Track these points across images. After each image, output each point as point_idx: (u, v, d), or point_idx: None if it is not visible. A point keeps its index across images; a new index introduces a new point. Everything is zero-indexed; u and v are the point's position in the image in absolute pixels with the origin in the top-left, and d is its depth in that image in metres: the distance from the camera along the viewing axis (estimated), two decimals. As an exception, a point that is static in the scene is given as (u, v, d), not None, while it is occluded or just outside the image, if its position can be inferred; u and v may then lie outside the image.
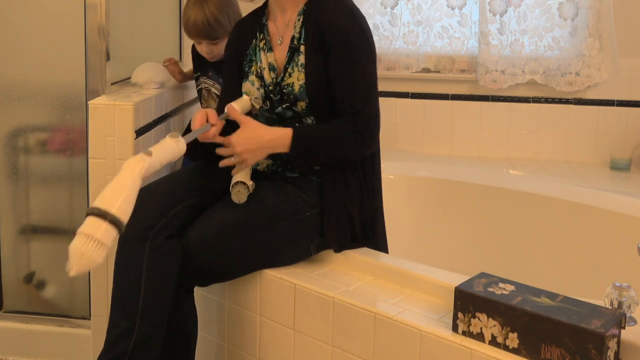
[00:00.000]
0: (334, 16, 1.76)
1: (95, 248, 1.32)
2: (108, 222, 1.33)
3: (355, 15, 1.79)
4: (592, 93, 2.89)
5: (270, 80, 1.83)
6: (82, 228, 1.34)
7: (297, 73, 1.78)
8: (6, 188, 2.35)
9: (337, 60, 1.74)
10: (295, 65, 1.79)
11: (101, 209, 1.34)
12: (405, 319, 1.48)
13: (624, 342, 1.30)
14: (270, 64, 1.84)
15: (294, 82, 1.78)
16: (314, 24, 1.77)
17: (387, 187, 2.55)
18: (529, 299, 1.34)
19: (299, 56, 1.79)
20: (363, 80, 1.76)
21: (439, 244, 2.63)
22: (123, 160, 1.97)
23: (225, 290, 1.85)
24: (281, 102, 1.80)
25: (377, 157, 1.87)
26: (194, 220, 1.74)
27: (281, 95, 1.80)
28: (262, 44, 1.87)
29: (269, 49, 1.85)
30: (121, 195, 1.37)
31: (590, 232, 2.41)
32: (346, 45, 1.74)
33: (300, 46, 1.79)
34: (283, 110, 1.80)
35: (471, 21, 2.93)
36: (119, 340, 1.63)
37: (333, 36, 1.74)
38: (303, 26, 1.79)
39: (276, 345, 1.74)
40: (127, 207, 1.37)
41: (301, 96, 1.77)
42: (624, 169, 2.79)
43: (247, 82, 1.87)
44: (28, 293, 2.40)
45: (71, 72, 2.24)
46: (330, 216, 1.77)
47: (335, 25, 1.74)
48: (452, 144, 3.00)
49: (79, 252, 1.32)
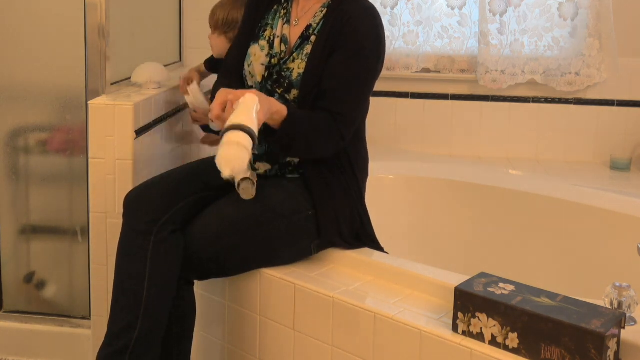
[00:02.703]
0: (356, 17, 1.76)
1: (243, 151, 1.48)
2: (245, 132, 1.49)
3: (377, 22, 1.79)
4: (592, 93, 2.89)
5: (279, 51, 1.83)
6: (225, 139, 1.49)
7: (300, 61, 1.79)
8: (6, 188, 2.35)
9: (341, 57, 1.74)
10: (300, 52, 1.80)
11: (237, 124, 1.50)
12: (405, 319, 1.48)
13: (624, 342, 1.30)
14: (284, 36, 1.84)
15: (294, 69, 1.79)
16: (336, 20, 1.77)
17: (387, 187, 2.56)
18: (529, 299, 1.34)
19: (307, 45, 1.80)
20: (358, 88, 1.76)
21: (439, 244, 2.63)
22: (123, 160, 2.00)
23: (225, 290, 1.85)
24: (277, 86, 1.80)
25: (367, 159, 1.90)
26: (196, 215, 1.75)
27: (278, 77, 1.80)
28: (284, 12, 1.87)
29: (287, 20, 1.86)
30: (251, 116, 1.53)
31: (590, 232, 2.41)
32: (356, 48, 1.74)
33: (311, 36, 1.80)
34: (278, 98, 1.80)
35: (471, 21, 2.94)
36: (121, 333, 1.63)
37: (348, 36, 1.75)
38: (323, 19, 1.80)
39: (276, 345, 1.74)
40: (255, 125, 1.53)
41: (296, 84, 1.78)
42: (624, 169, 2.79)
43: (257, 45, 1.87)
44: (28, 293, 2.40)
45: (71, 72, 2.24)
46: (326, 217, 1.77)
47: (353, 25, 1.75)
48: (452, 144, 3.00)
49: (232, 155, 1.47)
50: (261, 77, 1.84)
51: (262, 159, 1.86)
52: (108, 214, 2.03)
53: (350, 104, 1.76)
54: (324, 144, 1.75)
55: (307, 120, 1.73)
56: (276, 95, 1.80)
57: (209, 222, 1.72)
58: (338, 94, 1.75)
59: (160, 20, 2.78)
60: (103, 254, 2.05)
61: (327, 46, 1.76)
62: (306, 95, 1.77)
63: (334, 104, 1.74)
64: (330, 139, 1.74)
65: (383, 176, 1.89)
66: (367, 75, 1.78)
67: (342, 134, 1.75)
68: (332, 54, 1.76)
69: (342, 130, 1.74)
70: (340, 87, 1.75)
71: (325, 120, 1.73)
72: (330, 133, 1.74)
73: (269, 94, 1.81)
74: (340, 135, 1.75)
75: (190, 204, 1.76)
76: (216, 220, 1.72)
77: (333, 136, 1.74)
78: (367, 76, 1.78)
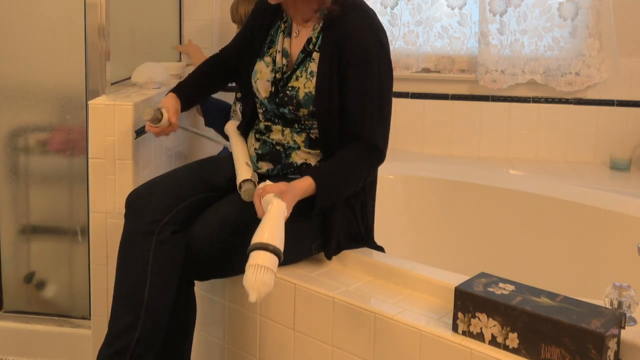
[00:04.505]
0: (355, 30, 1.74)
1: (269, 274, 1.46)
2: (270, 252, 1.48)
3: (376, 28, 1.77)
4: (592, 93, 2.89)
5: (281, 65, 1.83)
6: (252, 260, 1.47)
7: (305, 80, 1.77)
8: (6, 188, 2.35)
9: (353, 82, 1.73)
10: (304, 70, 1.78)
11: (263, 243, 1.48)
12: (405, 319, 1.48)
13: (624, 342, 1.30)
14: (285, 50, 1.84)
15: (300, 88, 1.77)
16: (334, 32, 1.75)
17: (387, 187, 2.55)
18: (529, 299, 1.34)
19: (310, 62, 1.78)
20: (379, 107, 1.75)
21: (439, 244, 2.63)
22: (123, 160, 2.00)
23: (225, 290, 1.85)
24: (286, 104, 1.80)
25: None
26: (198, 216, 1.75)
27: (284, 95, 1.80)
28: (284, 27, 1.87)
29: (288, 33, 1.86)
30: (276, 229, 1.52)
31: (590, 232, 2.41)
32: (364, 65, 1.73)
33: (313, 52, 1.78)
34: (289, 112, 1.80)
35: (471, 21, 2.94)
36: (122, 333, 1.63)
37: (352, 52, 1.73)
38: (322, 32, 1.78)
39: (276, 345, 1.74)
40: (281, 238, 1.52)
41: (305, 103, 1.76)
42: (624, 169, 2.79)
43: (262, 61, 1.87)
44: (28, 293, 2.40)
45: (71, 72, 2.24)
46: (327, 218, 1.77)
47: (355, 39, 1.73)
48: (452, 144, 3.00)
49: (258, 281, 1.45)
50: (268, 93, 1.84)
51: (264, 158, 1.86)
52: (108, 214, 2.03)
53: (376, 122, 1.75)
54: (365, 171, 1.75)
55: (336, 167, 1.72)
56: (287, 109, 1.80)
57: (210, 222, 1.72)
58: (364, 120, 1.74)
59: (160, 20, 2.78)
60: (103, 254, 2.04)
61: (333, 65, 1.75)
62: (323, 111, 1.75)
63: (361, 128, 1.73)
64: (367, 163, 1.75)
65: (383, 176, 1.88)
66: (383, 87, 1.77)
67: (378, 152, 1.75)
68: (339, 71, 1.74)
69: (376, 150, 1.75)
70: (363, 109, 1.73)
71: (355, 151, 1.73)
72: (365, 159, 1.74)
73: (278, 111, 1.81)
74: (377, 156, 1.76)
75: (192, 204, 1.76)
76: (217, 221, 1.72)
77: (369, 159, 1.75)
78: (382, 88, 1.77)
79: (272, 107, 1.84)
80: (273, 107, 1.84)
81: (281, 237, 1.51)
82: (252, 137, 1.92)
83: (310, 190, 1.66)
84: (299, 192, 1.63)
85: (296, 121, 1.81)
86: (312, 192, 1.67)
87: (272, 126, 1.86)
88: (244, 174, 1.78)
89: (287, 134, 1.83)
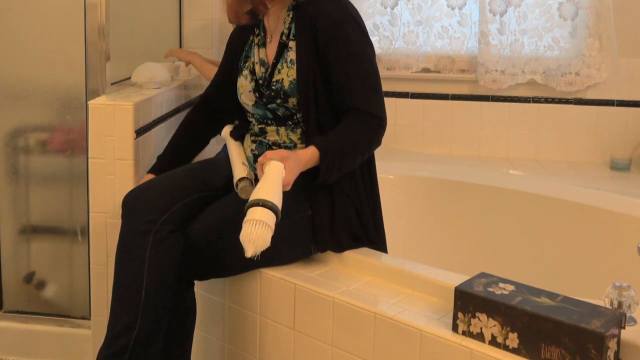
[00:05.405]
0: (324, 7, 1.76)
1: (266, 229, 1.48)
2: (268, 209, 1.49)
3: (345, 3, 1.79)
4: (592, 93, 2.89)
5: (261, 74, 1.84)
6: (249, 216, 1.49)
7: (287, 69, 1.78)
8: (6, 188, 2.35)
9: (335, 58, 1.74)
10: (284, 61, 1.79)
11: (261, 199, 1.49)
12: (405, 319, 1.48)
13: (624, 342, 1.30)
14: (261, 59, 1.86)
15: (284, 79, 1.78)
16: (304, 18, 1.77)
17: (387, 187, 2.55)
18: (529, 299, 1.34)
19: (288, 52, 1.79)
20: (364, 74, 1.75)
21: (439, 244, 2.63)
22: (123, 160, 2.00)
23: (225, 290, 1.85)
24: (274, 99, 1.80)
25: (372, 156, 1.88)
26: (196, 215, 1.75)
27: (271, 91, 1.80)
28: (258, 39, 1.89)
29: (262, 44, 1.88)
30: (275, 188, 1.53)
31: (590, 232, 2.40)
32: (341, 38, 1.74)
33: (289, 42, 1.80)
34: (276, 107, 1.80)
35: (471, 21, 2.94)
36: (120, 334, 1.63)
37: (326, 29, 1.74)
38: (293, 21, 1.80)
39: (276, 345, 1.74)
40: (279, 197, 1.53)
41: (292, 92, 1.77)
42: (624, 169, 2.79)
43: (241, 76, 1.90)
44: (28, 293, 2.40)
45: (71, 72, 2.24)
46: (322, 217, 1.77)
47: (326, 16, 1.75)
48: (452, 144, 3.00)
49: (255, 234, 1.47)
50: (253, 101, 1.86)
51: None
52: (108, 214, 2.03)
53: (367, 90, 1.75)
54: (369, 142, 1.75)
55: (340, 136, 1.72)
56: (275, 105, 1.81)
57: (208, 222, 1.72)
58: (351, 93, 1.74)
59: (160, 20, 2.78)
60: (103, 254, 2.05)
61: (310, 47, 1.76)
62: (306, 98, 1.77)
63: (355, 104, 1.74)
64: (369, 131, 1.74)
65: (383, 176, 1.88)
66: (364, 56, 1.77)
67: (379, 120, 1.75)
68: (320, 49, 1.75)
69: (375, 117, 1.75)
70: (351, 80, 1.74)
71: (355, 121, 1.73)
72: (366, 127, 1.74)
73: (267, 109, 1.82)
74: (377, 123, 1.75)
75: (190, 204, 1.76)
76: (216, 220, 1.72)
77: (370, 126, 1.74)
78: (364, 57, 1.77)
79: (262, 112, 1.85)
80: (264, 112, 1.85)
81: (279, 196, 1.52)
82: (248, 140, 1.93)
83: (315, 158, 1.66)
84: (302, 159, 1.63)
85: (288, 117, 1.81)
86: (316, 162, 1.66)
87: (267, 127, 1.86)
88: (241, 172, 1.79)
89: (283, 133, 1.83)
